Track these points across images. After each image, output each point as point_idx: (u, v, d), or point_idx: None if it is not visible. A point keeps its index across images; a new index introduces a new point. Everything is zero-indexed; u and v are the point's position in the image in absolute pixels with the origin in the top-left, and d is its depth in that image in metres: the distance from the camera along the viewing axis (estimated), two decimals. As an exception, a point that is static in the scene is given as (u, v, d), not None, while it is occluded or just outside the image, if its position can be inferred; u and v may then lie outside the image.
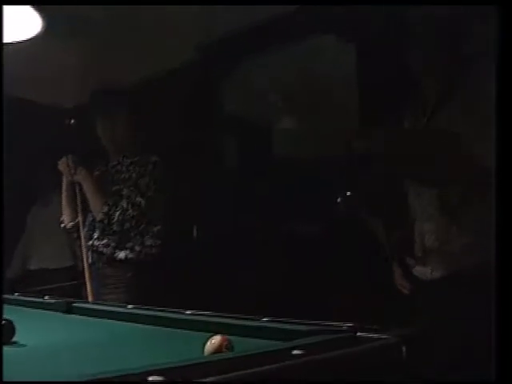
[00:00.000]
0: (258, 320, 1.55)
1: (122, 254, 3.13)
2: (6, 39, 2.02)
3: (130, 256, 3.13)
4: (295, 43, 3.62)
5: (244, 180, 4.05)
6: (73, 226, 3.33)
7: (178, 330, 1.64)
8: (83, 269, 3.22)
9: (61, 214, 3.41)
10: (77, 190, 3.28)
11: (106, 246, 3.15)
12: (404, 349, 1.18)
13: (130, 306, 2.06)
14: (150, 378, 0.86)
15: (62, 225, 3.39)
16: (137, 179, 3.17)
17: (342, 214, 3.10)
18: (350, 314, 1.60)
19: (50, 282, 4.30)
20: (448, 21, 2.07)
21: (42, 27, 1.91)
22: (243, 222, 3.84)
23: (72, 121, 3.46)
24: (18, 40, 2.02)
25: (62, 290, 4.01)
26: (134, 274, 3.12)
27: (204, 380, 0.87)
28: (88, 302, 2.68)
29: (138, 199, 3.13)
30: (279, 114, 4.21)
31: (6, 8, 1.82)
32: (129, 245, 3.14)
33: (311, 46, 3.61)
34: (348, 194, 3.02)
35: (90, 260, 3.22)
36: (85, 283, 3.17)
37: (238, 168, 4.25)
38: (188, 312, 1.77)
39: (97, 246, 3.18)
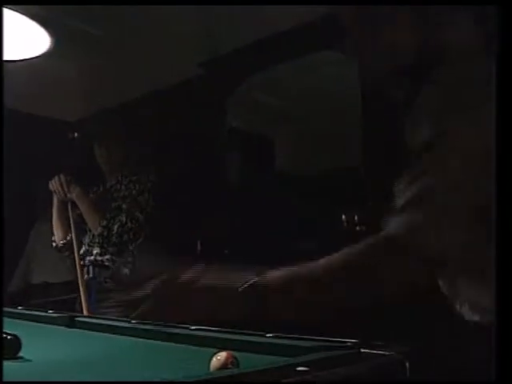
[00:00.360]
0: (263, 336, 1.56)
1: (126, 270, 3.15)
2: (14, 56, 2.04)
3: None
4: (298, 58, 3.63)
5: (248, 195, 4.05)
6: (64, 244, 3.33)
7: (183, 346, 1.64)
8: (77, 284, 3.22)
9: (52, 233, 3.41)
10: (69, 208, 3.29)
11: (111, 260, 3.16)
12: (408, 365, 1.18)
13: (133, 321, 2.07)
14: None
15: (54, 243, 3.39)
16: (136, 196, 3.20)
17: (347, 230, 3.11)
18: (351, 329, 1.61)
19: (51, 296, 4.31)
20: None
21: (49, 45, 1.92)
22: (247, 238, 3.84)
23: (76, 134, 3.47)
24: (26, 57, 2.03)
25: (62, 303, 4.02)
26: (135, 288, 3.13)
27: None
28: (91, 317, 2.68)
29: (137, 214, 3.16)
30: (282, 128, 4.22)
31: (15, 26, 1.84)
32: (130, 259, 3.16)
33: (314, 61, 3.62)
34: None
35: (90, 274, 3.23)
36: (80, 298, 3.17)
37: (241, 183, 4.25)
38: (193, 327, 1.77)
39: (101, 261, 3.19)
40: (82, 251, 3.26)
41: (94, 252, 3.22)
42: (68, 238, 3.28)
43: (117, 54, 4.28)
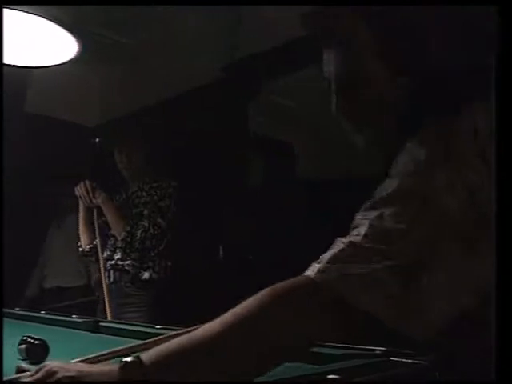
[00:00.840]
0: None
1: (146, 274, 3.16)
2: (42, 62, 2.06)
3: (154, 276, 3.16)
4: (319, 61, 3.62)
5: (269, 200, 4.05)
6: (90, 249, 3.36)
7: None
8: (102, 288, 3.23)
9: (78, 239, 3.44)
10: (94, 214, 3.31)
11: (131, 265, 3.18)
12: (438, 374, 1.17)
13: (158, 326, 2.07)
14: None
15: (80, 249, 3.41)
16: (158, 201, 3.21)
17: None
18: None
19: (64, 300, 4.34)
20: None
21: (76, 52, 1.93)
22: (270, 243, 3.83)
23: (97, 139, 3.49)
24: (52, 63, 2.05)
25: (78, 307, 4.03)
26: (156, 293, 3.15)
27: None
28: (115, 322, 2.69)
29: (159, 220, 3.17)
30: (303, 132, 4.21)
31: (43, 32, 1.86)
32: (151, 264, 3.17)
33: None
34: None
35: (111, 279, 3.25)
36: (104, 302, 3.18)
37: (263, 188, 4.25)
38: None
39: (121, 265, 3.21)
40: (104, 255, 3.28)
41: (116, 257, 3.24)
42: (94, 243, 3.31)
43: (138, 59, 4.30)
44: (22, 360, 1.50)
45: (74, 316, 2.41)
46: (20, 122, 4.50)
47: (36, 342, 1.51)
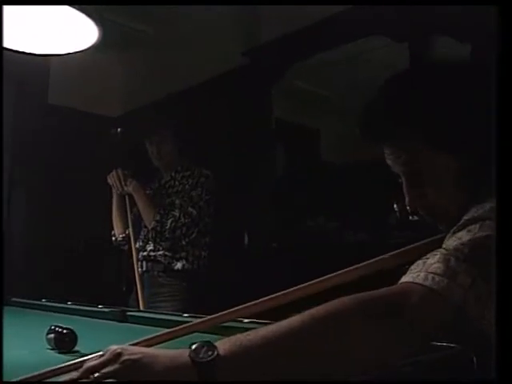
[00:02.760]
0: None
1: (179, 265, 3.16)
2: (61, 50, 2.04)
3: (187, 266, 3.16)
4: (344, 45, 3.58)
5: (293, 185, 4.02)
6: (123, 238, 3.36)
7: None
8: (134, 278, 3.23)
9: (111, 228, 3.44)
10: (126, 202, 3.31)
11: (163, 256, 3.18)
12: (475, 359, 1.14)
13: (185, 315, 2.05)
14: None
15: (113, 238, 3.42)
16: (190, 191, 3.20)
17: (398, 220, 3.06)
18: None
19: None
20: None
21: (96, 39, 1.91)
22: (294, 230, 3.81)
23: (119, 130, 3.48)
24: (72, 51, 2.03)
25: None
26: (188, 283, 3.15)
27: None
28: (142, 311, 2.68)
29: (190, 209, 3.16)
30: (327, 117, 4.18)
31: (62, 18, 1.84)
32: (183, 255, 3.17)
33: (360, 48, 3.56)
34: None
35: (143, 268, 3.25)
36: (136, 291, 3.19)
37: (287, 174, 4.22)
38: (246, 321, 1.75)
39: (154, 256, 3.21)
40: (136, 245, 3.28)
41: (148, 248, 3.24)
42: (127, 232, 3.31)
43: (160, 48, 4.30)
44: (51, 350, 1.49)
45: (100, 306, 2.40)
46: (45, 114, 4.53)
47: (64, 331, 1.50)
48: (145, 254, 3.26)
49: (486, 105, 0.94)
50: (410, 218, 3.37)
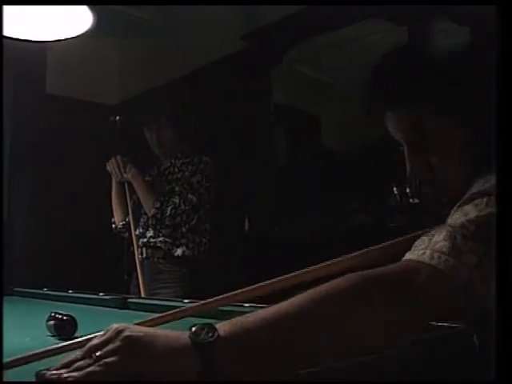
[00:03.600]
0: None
1: (179, 251, 3.16)
2: (56, 35, 2.03)
3: (188, 253, 3.16)
4: (342, 28, 3.56)
5: (294, 171, 4.01)
6: (123, 226, 3.36)
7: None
8: (135, 264, 3.24)
9: (111, 215, 3.44)
10: (126, 189, 3.31)
11: (163, 242, 3.18)
12: (475, 337, 1.14)
13: (186, 301, 2.05)
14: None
15: (114, 225, 3.42)
16: (189, 177, 3.20)
17: (398, 203, 3.05)
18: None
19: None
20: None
21: (92, 25, 1.90)
22: (296, 216, 3.80)
23: (117, 117, 3.47)
24: (67, 37, 2.02)
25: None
26: (189, 269, 3.15)
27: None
28: (143, 298, 2.68)
29: (190, 196, 3.16)
30: (327, 102, 4.16)
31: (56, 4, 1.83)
32: (183, 241, 3.17)
33: (359, 31, 3.55)
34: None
35: (144, 255, 3.25)
36: (137, 278, 3.19)
37: (287, 159, 4.21)
38: (246, 305, 1.75)
39: (154, 242, 3.21)
40: (136, 232, 3.28)
41: (148, 235, 3.24)
42: (127, 219, 3.31)
43: (158, 34, 4.29)
44: (52, 336, 1.49)
45: (101, 294, 2.40)
46: (42, 103, 4.52)
47: (64, 317, 1.49)
48: (145, 240, 3.26)
49: (489, 80, 0.94)
50: (411, 200, 3.38)
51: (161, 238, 3.20)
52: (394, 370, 1.01)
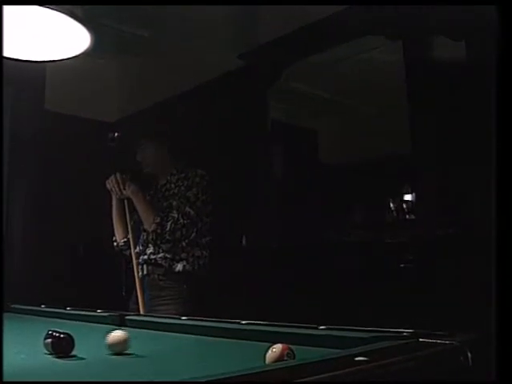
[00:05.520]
0: (315, 328, 1.53)
1: (179, 266, 3.17)
2: (55, 55, 2.05)
3: (188, 267, 3.17)
4: (339, 45, 3.59)
5: (291, 186, 4.03)
6: (125, 243, 3.37)
7: (236, 341, 1.62)
8: (134, 282, 3.24)
9: (110, 232, 3.45)
10: (125, 206, 3.33)
11: (164, 258, 3.19)
12: (470, 354, 1.14)
13: (184, 318, 2.06)
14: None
15: (115, 243, 3.43)
16: (185, 191, 3.23)
17: (394, 217, 3.06)
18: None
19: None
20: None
21: (89, 44, 1.92)
22: (294, 231, 3.81)
23: (116, 134, 3.49)
24: (65, 57, 2.04)
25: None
26: (189, 285, 3.16)
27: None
28: (141, 315, 2.68)
29: (188, 209, 3.18)
30: (324, 117, 4.18)
31: (55, 23, 1.85)
32: (183, 256, 3.19)
33: (356, 47, 3.57)
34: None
35: (144, 272, 3.26)
36: (136, 296, 3.19)
37: (284, 174, 4.23)
38: (244, 322, 1.76)
39: (154, 259, 3.22)
40: (136, 250, 3.29)
41: (148, 251, 3.25)
42: (128, 237, 3.32)
43: (157, 52, 4.30)
44: (49, 354, 1.49)
45: (99, 311, 2.41)
46: (42, 119, 4.54)
47: (61, 335, 1.50)
48: (145, 257, 3.28)
49: None
50: (407, 216, 3.38)
51: (161, 255, 3.22)
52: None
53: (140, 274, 3.26)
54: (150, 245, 3.27)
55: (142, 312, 3.05)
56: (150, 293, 3.21)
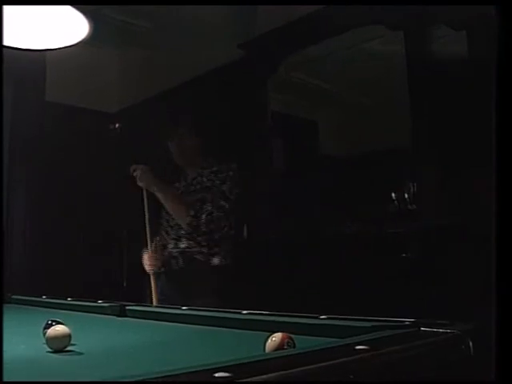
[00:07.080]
0: (316, 318, 1.53)
1: (214, 260, 3.15)
2: (54, 44, 2.04)
3: (221, 261, 3.16)
4: (340, 34, 3.57)
5: (291, 177, 4.02)
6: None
7: (236, 330, 1.62)
8: (149, 275, 3.22)
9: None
10: (144, 197, 3.26)
11: (200, 252, 3.17)
12: (471, 343, 1.14)
13: (184, 308, 2.06)
14: (217, 375, 0.84)
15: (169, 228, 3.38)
16: (220, 185, 3.20)
17: (396, 209, 3.06)
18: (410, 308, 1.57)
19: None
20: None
21: (88, 32, 1.91)
22: (293, 223, 3.81)
23: (117, 125, 3.46)
24: (65, 45, 2.03)
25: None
26: (221, 278, 3.14)
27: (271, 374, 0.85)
28: (141, 305, 2.68)
29: (222, 203, 3.16)
30: (324, 109, 4.17)
31: (54, 12, 1.84)
32: (217, 249, 3.17)
33: (357, 37, 3.56)
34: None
35: (180, 264, 3.22)
36: (150, 288, 3.17)
37: (284, 166, 4.22)
38: (244, 312, 1.75)
39: (189, 253, 3.19)
40: (170, 245, 3.26)
41: (182, 246, 3.22)
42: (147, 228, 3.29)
43: (157, 42, 4.30)
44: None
45: (99, 301, 2.40)
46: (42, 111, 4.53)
47: (53, 322, 1.49)
48: (179, 250, 3.23)
49: None
50: (409, 207, 3.38)
51: (196, 249, 3.18)
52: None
53: (176, 265, 3.23)
54: (183, 238, 3.23)
55: (154, 303, 3.03)
56: (178, 286, 3.18)
